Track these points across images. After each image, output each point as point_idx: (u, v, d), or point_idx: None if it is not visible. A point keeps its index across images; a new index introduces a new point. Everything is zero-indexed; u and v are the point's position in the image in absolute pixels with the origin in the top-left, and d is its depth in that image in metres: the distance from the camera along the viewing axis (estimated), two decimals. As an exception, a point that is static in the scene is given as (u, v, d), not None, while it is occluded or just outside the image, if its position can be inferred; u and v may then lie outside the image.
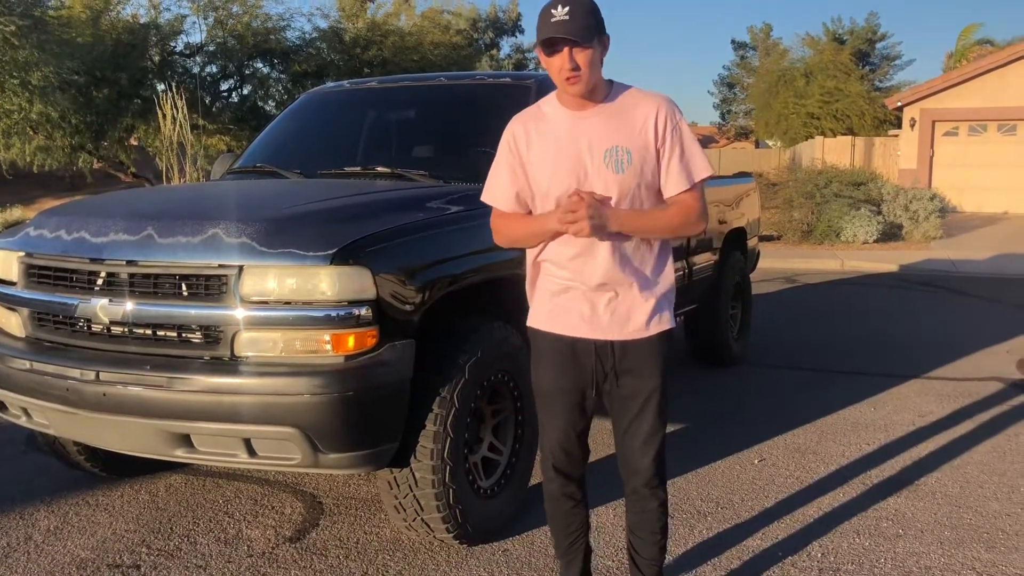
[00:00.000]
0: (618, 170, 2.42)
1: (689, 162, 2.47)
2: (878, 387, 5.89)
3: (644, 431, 2.61)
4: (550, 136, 2.49)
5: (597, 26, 2.38)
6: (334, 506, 3.90)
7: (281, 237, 2.99)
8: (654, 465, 2.64)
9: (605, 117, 2.46)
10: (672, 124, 2.45)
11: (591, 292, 2.52)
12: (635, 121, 2.44)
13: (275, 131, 5.11)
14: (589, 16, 2.35)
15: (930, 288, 10.63)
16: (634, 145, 2.43)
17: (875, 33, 35.35)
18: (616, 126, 2.44)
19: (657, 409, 2.60)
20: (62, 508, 3.89)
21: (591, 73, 2.39)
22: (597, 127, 2.45)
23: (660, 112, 2.45)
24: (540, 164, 2.50)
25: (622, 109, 2.47)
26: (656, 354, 2.57)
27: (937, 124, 21.26)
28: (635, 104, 2.47)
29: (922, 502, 3.93)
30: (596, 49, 2.38)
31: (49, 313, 3.32)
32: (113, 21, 17.44)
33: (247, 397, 2.91)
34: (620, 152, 2.42)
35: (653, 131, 2.44)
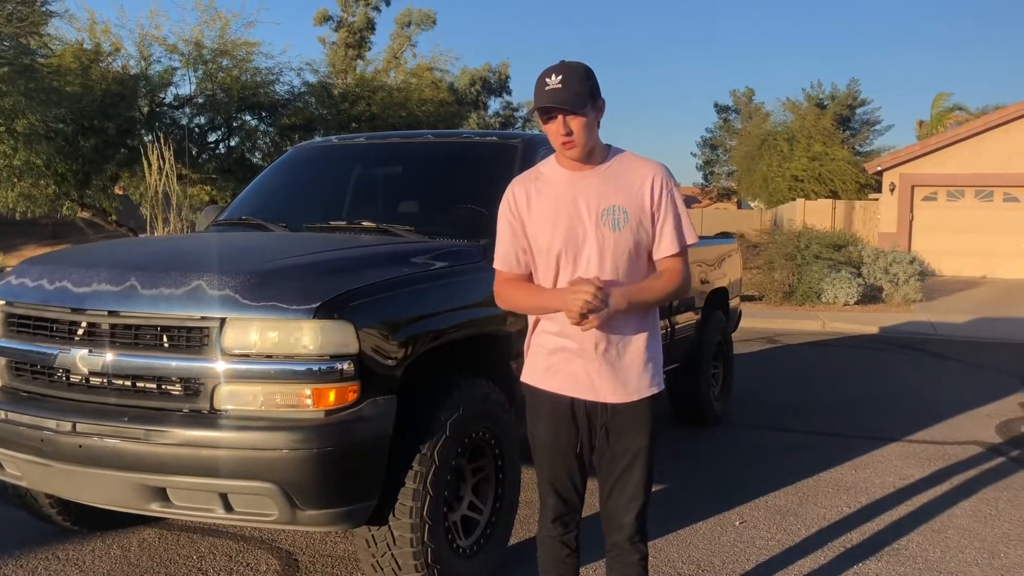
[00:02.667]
0: (615, 228, 2.51)
1: (680, 228, 2.57)
2: (859, 450, 5.89)
3: (631, 488, 2.65)
4: (549, 196, 2.58)
5: (590, 92, 2.46)
6: (310, 563, 3.83)
7: (264, 290, 2.99)
8: (637, 522, 2.67)
9: (603, 178, 2.56)
10: (667, 190, 2.55)
11: (585, 353, 2.58)
12: (632, 183, 2.54)
13: (262, 184, 5.13)
14: (582, 83, 2.44)
15: (910, 351, 10.69)
16: (630, 205, 2.53)
17: (855, 99, 36.13)
18: (614, 187, 2.54)
19: (644, 467, 2.64)
20: (31, 563, 3.80)
21: (586, 138, 2.49)
22: (595, 187, 2.54)
23: (657, 177, 2.55)
24: (540, 223, 2.57)
25: (620, 171, 2.57)
26: (646, 414, 2.62)
27: (916, 189, 21.63)
28: (633, 168, 2.58)
29: (903, 567, 3.91)
30: (590, 115, 2.48)
31: (27, 363, 3.29)
32: (103, 72, 17.55)
33: (225, 451, 2.88)
34: (617, 212, 2.51)
35: (649, 195, 2.54)
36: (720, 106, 44.05)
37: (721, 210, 40.93)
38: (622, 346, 2.58)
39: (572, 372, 2.61)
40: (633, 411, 2.61)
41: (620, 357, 2.58)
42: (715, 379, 6.67)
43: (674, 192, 2.58)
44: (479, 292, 3.75)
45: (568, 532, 2.79)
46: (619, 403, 2.60)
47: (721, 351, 6.74)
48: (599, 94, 2.52)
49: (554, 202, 2.56)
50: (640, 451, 2.63)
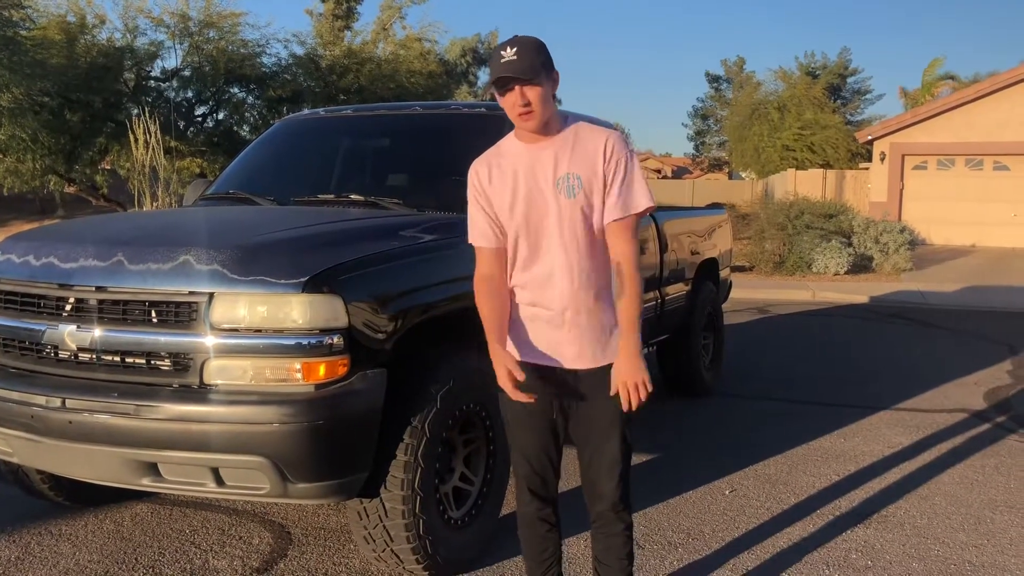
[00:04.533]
0: (570, 195, 2.54)
1: (630, 192, 2.55)
2: (848, 418, 5.93)
3: (609, 456, 2.66)
4: (509, 169, 2.61)
5: (545, 64, 2.50)
6: (303, 536, 3.85)
7: (253, 264, 2.98)
8: (619, 489, 2.68)
9: (559, 147, 2.57)
10: (619, 154, 2.55)
11: (554, 320, 2.61)
12: (587, 150, 2.55)
13: (249, 158, 5.10)
14: (535, 55, 2.47)
15: (900, 320, 10.75)
16: (584, 172, 2.54)
17: (846, 68, 36.03)
18: (569, 155, 2.56)
19: (621, 434, 2.65)
20: (24, 538, 3.81)
21: (543, 108, 2.51)
22: (551, 157, 2.57)
23: (609, 142, 2.55)
24: (501, 197, 2.61)
25: (575, 139, 2.58)
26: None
27: (907, 158, 21.64)
28: (587, 135, 2.58)
29: (891, 533, 3.96)
30: (546, 86, 2.50)
31: (15, 339, 3.28)
32: (88, 44, 17.37)
33: (216, 426, 2.89)
34: (572, 179, 2.54)
35: (602, 159, 2.54)
36: (711, 76, 43.92)
37: (712, 181, 40.91)
38: (592, 312, 2.59)
39: (542, 340, 2.64)
40: (601, 377, 2.60)
41: (590, 323, 2.59)
42: (706, 350, 6.69)
43: (627, 157, 2.56)
44: (468, 265, 3.72)
45: (544, 506, 2.80)
46: (588, 368, 2.61)
47: (712, 322, 6.76)
48: (552, 67, 2.54)
49: (513, 175, 2.60)
50: (615, 418, 2.62)
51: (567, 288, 2.57)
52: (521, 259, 2.64)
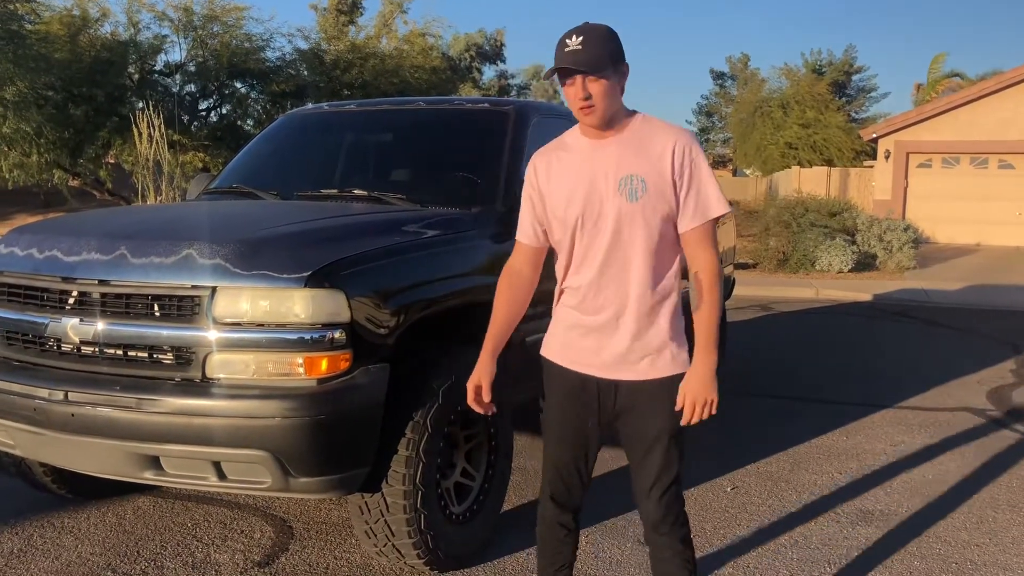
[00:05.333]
0: (632, 198, 2.39)
1: (705, 199, 2.41)
2: (851, 416, 5.93)
3: (651, 474, 2.54)
4: (569, 165, 2.48)
5: (612, 55, 2.34)
6: (304, 530, 3.86)
7: (255, 259, 2.98)
8: (660, 508, 2.55)
9: (623, 146, 2.42)
10: (690, 158, 2.39)
11: (600, 329, 2.50)
12: (653, 151, 2.39)
13: (252, 152, 5.10)
14: (602, 45, 2.32)
15: (903, 318, 10.73)
16: (650, 175, 2.38)
17: (852, 66, 35.92)
18: (633, 155, 2.40)
19: (664, 452, 2.52)
20: (26, 530, 3.82)
21: (606, 103, 2.36)
22: (614, 156, 2.42)
23: (679, 144, 2.39)
24: (557, 193, 2.49)
25: (641, 138, 2.42)
26: (666, 396, 2.48)
27: (911, 156, 21.58)
28: (654, 134, 2.42)
29: (893, 531, 3.95)
30: (611, 79, 2.35)
31: (18, 332, 3.28)
32: (92, 38, 17.38)
33: (218, 420, 2.89)
34: (635, 181, 2.38)
35: (670, 163, 2.38)
36: (716, 72, 43.85)
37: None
38: (646, 323, 2.46)
39: (586, 348, 2.53)
40: (649, 391, 2.49)
41: (642, 334, 2.46)
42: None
43: (698, 160, 2.40)
44: (471, 261, 3.75)
45: (564, 513, 2.72)
46: (632, 380, 2.49)
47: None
48: (622, 58, 2.39)
49: (574, 172, 2.46)
50: (660, 435, 2.50)
51: (622, 295, 2.45)
52: (574, 262, 2.51)
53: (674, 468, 2.55)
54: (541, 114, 4.77)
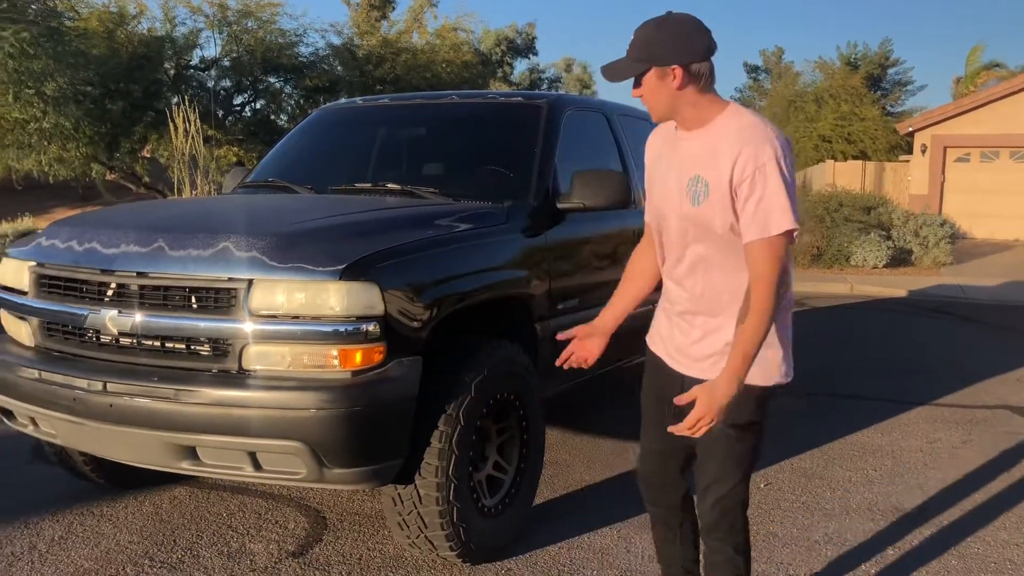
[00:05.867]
0: (694, 202, 2.32)
1: (766, 212, 2.22)
2: (886, 413, 5.86)
3: (707, 477, 2.51)
4: (668, 155, 2.46)
5: (655, 56, 2.28)
6: (338, 521, 3.89)
7: (291, 252, 3.00)
8: (713, 513, 2.50)
9: (700, 144, 2.34)
10: (755, 165, 2.21)
11: (675, 317, 2.54)
12: (721, 155, 2.27)
13: (287, 146, 5.14)
14: (642, 48, 2.30)
15: (939, 314, 10.58)
16: (714, 178, 2.28)
17: (887, 59, 35.43)
18: (704, 155, 2.31)
19: (722, 456, 2.46)
20: (67, 518, 3.89)
21: (652, 102, 2.34)
22: (690, 153, 2.36)
23: (747, 149, 2.23)
24: (652, 179, 2.55)
25: (718, 138, 2.30)
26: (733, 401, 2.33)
27: (949, 150, 21.24)
28: (729, 135, 2.29)
29: (928, 530, 3.91)
30: (656, 78, 2.30)
31: (59, 323, 3.33)
32: (129, 34, 17.60)
33: (254, 411, 2.92)
34: (700, 184, 2.31)
35: (731, 168, 2.24)
36: (750, 66, 43.44)
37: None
38: (706, 326, 2.43)
39: (665, 337, 2.58)
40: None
41: (703, 336, 2.44)
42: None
43: (766, 168, 2.20)
44: (504, 254, 3.76)
45: (655, 506, 2.72)
46: (695, 379, 2.43)
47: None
48: (672, 59, 2.26)
49: (666, 162, 2.44)
50: (717, 439, 2.40)
51: (683, 294, 2.47)
52: (661, 251, 2.55)
53: (732, 478, 2.48)
54: (575, 107, 4.77)
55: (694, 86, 2.30)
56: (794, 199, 2.23)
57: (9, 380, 3.38)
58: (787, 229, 2.21)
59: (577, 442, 5.10)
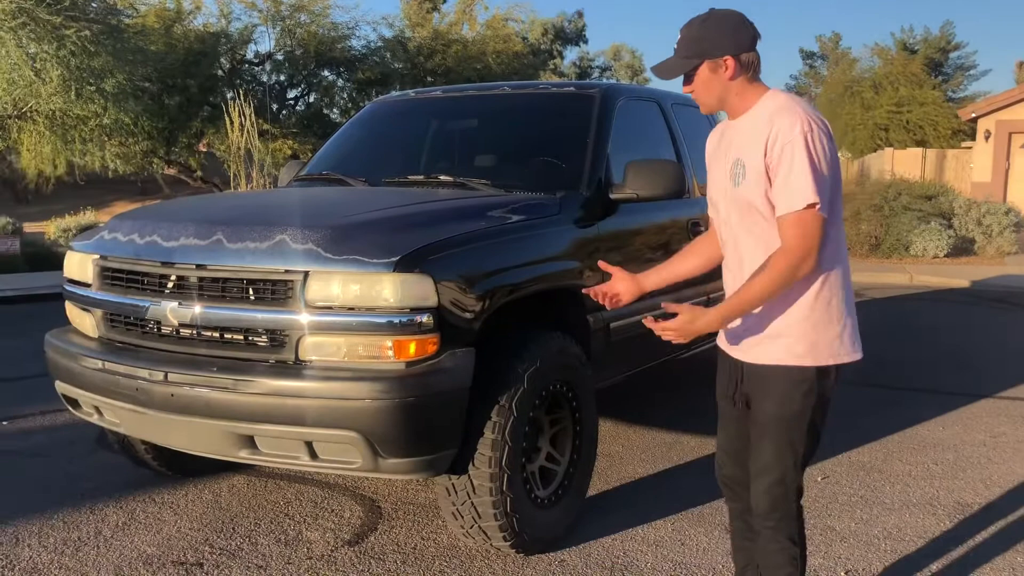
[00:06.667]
0: (735, 183, 2.42)
1: (789, 187, 2.27)
2: (947, 406, 5.73)
3: (759, 462, 2.51)
4: (719, 145, 2.57)
5: (705, 51, 2.37)
6: (392, 511, 3.93)
7: (346, 244, 3.03)
8: (766, 500, 2.50)
9: (742, 128, 2.43)
10: (784, 140, 2.26)
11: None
12: (757, 135, 2.35)
13: (341, 139, 5.19)
14: (692, 44, 2.39)
15: (1004, 305, 10.31)
16: (750, 158, 2.36)
17: (949, 43, 34.53)
18: (744, 138, 2.40)
19: (774, 444, 2.46)
20: (130, 505, 3.99)
21: (707, 94, 2.43)
22: (735, 138, 2.46)
23: (778, 126, 2.29)
24: (708, 174, 2.63)
25: (755, 121, 2.39)
26: (777, 385, 2.43)
27: (1014, 136, 20.64)
28: (764, 116, 2.36)
29: (993, 526, 3.81)
30: (711, 71, 2.39)
31: (121, 314, 3.41)
32: (185, 30, 17.92)
33: (310, 401, 2.96)
34: (739, 165, 2.40)
35: (764, 145, 2.31)
36: (806, 52, 42.72)
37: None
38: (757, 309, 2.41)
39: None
40: (760, 376, 2.47)
41: (754, 318, 2.43)
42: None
43: (794, 144, 2.25)
44: (556, 245, 3.75)
45: (734, 501, 2.73)
46: (748, 363, 2.50)
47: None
48: (721, 51, 2.35)
49: (719, 154, 2.55)
50: (768, 423, 2.45)
51: (732, 278, 2.52)
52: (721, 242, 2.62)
53: (783, 464, 2.47)
54: (627, 96, 4.73)
55: (744, 76, 2.40)
56: (821, 175, 2.26)
57: (75, 370, 3.47)
58: (809, 203, 2.24)
59: (631, 434, 5.07)
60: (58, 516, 3.84)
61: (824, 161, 2.27)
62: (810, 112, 2.31)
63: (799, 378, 2.41)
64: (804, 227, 2.27)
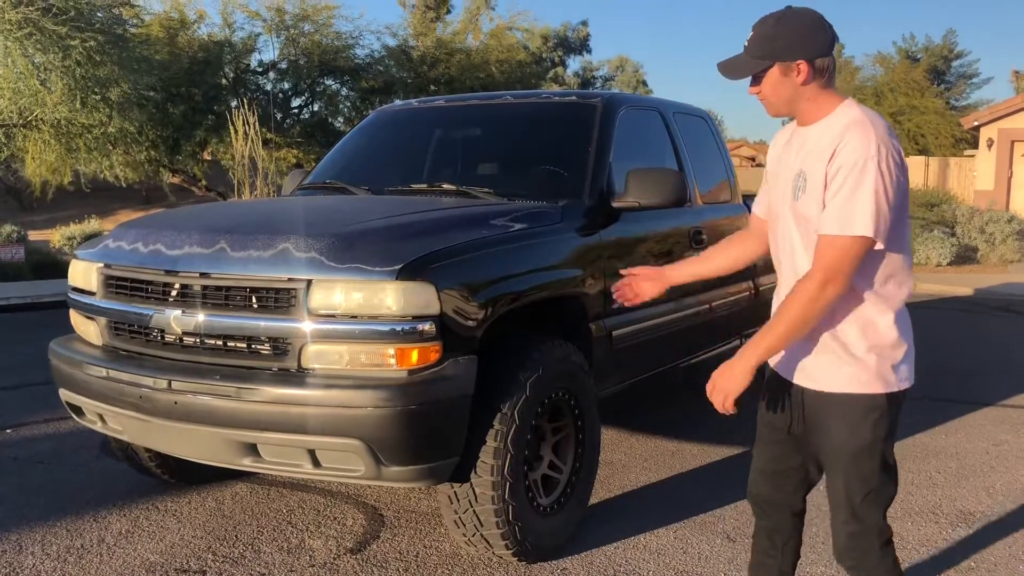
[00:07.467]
0: (795, 196, 2.28)
1: (845, 208, 2.10)
2: (950, 414, 5.72)
3: (834, 496, 2.37)
4: (785, 151, 2.42)
5: (778, 52, 2.21)
6: (395, 519, 3.93)
7: (349, 252, 3.04)
8: (842, 538, 2.36)
9: (809, 139, 2.28)
10: (851, 159, 2.11)
11: None
12: (822, 146, 2.20)
13: (344, 148, 5.21)
14: (764, 44, 2.23)
15: (1007, 313, 10.30)
16: (812, 172, 2.21)
17: (951, 51, 34.53)
18: (811, 151, 2.25)
19: (843, 478, 2.32)
20: (133, 512, 3.99)
21: (776, 97, 2.28)
22: (800, 149, 2.31)
23: (844, 140, 2.14)
24: (771, 178, 2.47)
25: (823, 132, 2.23)
26: (844, 415, 2.28)
27: (1016, 144, 20.63)
28: (832, 129, 2.21)
29: (995, 534, 3.81)
30: (782, 74, 2.23)
31: (125, 323, 3.43)
32: (189, 39, 17.98)
33: (313, 409, 2.97)
34: (801, 178, 2.26)
35: (827, 161, 2.16)
36: (808, 61, 42.69)
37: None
38: (817, 330, 2.25)
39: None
40: (823, 403, 2.30)
41: (814, 340, 2.28)
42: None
43: (860, 167, 2.08)
44: (558, 254, 3.76)
45: (762, 519, 2.64)
46: (812, 390, 2.32)
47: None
48: (796, 54, 2.19)
49: (784, 159, 2.39)
50: (838, 457, 2.30)
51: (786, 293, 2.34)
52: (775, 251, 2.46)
53: (854, 501, 2.32)
54: (630, 105, 4.75)
55: (817, 81, 2.23)
56: (881, 204, 2.09)
57: (78, 378, 3.48)
58: (861, 235, 2.09)
59: (633, 442, 5.07)
60: (61, 524, 3.85)
61: (890, 188, 2.10)
62: (884, 132, 2.15)
63: (869, 406, 2.27)
64: (844, 251, 2.12)
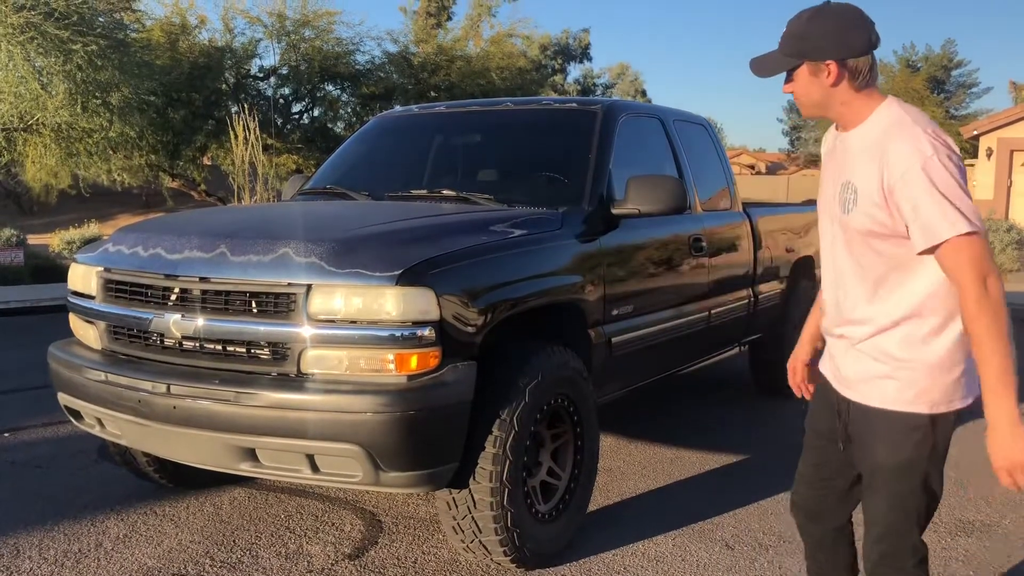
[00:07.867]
0: (844, 209, 2.15)
1: (923, 217, 1.98)
2: (949, 423, 5.71)
3: (869, 513, 2.30)
4: (830, 155, 2.31)
5: (806, 51, 2.11)
6: (393, 525, 3.93)
7: (349, 257, 3.04)
8: (874, 553, 2.28)
9: (854, 145, 2.16)
10: (904, 167, 1.99)
11: (833, 336, 2.35)
12: (873, 156, 2.07)
13: (345, 154, 5.21)
14: (794, 42, 2.13)
15: (1005, 322, 10.29)
16: (863, 184, 2.09)
17: (951, 60, 34.66)
18: (854, 158, 2.14)
19: (882, 495, 2.23)
20: (131, 517, 3.99)
21: (806, 97, 2.17)
22: (845, 156, 2.19)
23: (890, 152, 2.02)
24: (821, 181, 2.36)
25: (871, 137, 2.10)
26: (886, 431, 2.19)
27: (1015, 154, 20.68)
28: (873, 133, 2.10)
29: (996, 544, 3.80)
30: (811, 74, 2.13)
31: (124, 327, 3.43)
32: (190, 45, 18.01)
33: (312, 414, 2.96)
34: (849, 190, 2.13)
35: (880, 174, 2.04)
36: (809, 69, 42.84)
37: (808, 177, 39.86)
38: (859, 344, 2.21)
39: (827, 354, 2.39)
40: (866, 418, 2.22)
41: (857, 352, 2.22)
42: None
43: (913, 172, 1.97)
44: (558, 260, 3.76)
45: (810, 525, 2.58)
46: (853, 402, 2.25)
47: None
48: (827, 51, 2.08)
49: (830, 164, 2.28)
50: (876, 471, 2.22)
51: (833, 307, 2.29)
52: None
53: (890, 518, 2.24)
54: (629, 112, 4.76)
55: (849, 83, 2.11)
56: (956, 197, 1.97)
57: (77, 382, 3.48)
58: (959, 233, 1.96)
59: (632, 449, 5.07)
60: (59, 528, 3.84)
61: (953, 180, 1.98)
62: (929, 129, 2.03)
63: (912, 425, 2.17)
64: (964, 254, 1.98)
